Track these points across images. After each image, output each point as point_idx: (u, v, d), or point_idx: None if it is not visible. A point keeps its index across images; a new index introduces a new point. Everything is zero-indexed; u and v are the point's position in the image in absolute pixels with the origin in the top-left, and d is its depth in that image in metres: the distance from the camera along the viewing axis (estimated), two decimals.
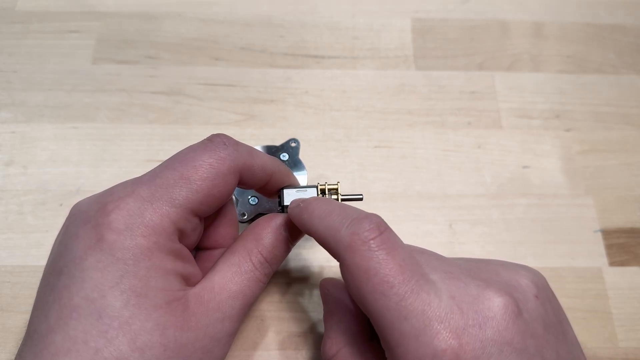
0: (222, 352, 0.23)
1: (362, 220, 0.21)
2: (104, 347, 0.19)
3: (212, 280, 0.23)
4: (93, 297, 0.19)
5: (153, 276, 0.20)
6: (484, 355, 0.19)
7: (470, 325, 0.19)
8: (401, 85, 0.39)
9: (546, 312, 0.21)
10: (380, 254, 0.20)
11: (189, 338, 0.21)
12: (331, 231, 0.21)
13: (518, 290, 0.21)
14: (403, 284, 0.20)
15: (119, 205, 0.20)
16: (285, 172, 0.26)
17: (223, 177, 0.22)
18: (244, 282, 0.23)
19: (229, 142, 0.23)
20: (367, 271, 0.20)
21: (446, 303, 0.20)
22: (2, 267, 0.31)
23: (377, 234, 0.20)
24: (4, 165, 0.34)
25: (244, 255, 0.24)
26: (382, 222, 0.21)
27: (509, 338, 0.19)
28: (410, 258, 0.21)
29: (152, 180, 0.21)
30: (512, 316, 0.20)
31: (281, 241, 0.25)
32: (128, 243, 0.20)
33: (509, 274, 0.22)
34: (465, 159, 0.36)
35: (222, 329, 0.22)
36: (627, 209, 0.35)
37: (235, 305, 0.23)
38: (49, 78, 0.37)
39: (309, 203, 0.24)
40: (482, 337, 0.19)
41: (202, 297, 0.22)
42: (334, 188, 0.26)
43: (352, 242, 0.20)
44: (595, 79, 0.39)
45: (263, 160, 0.24)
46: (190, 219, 0.22)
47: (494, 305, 0.20)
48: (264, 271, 0.24)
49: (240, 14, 0.41)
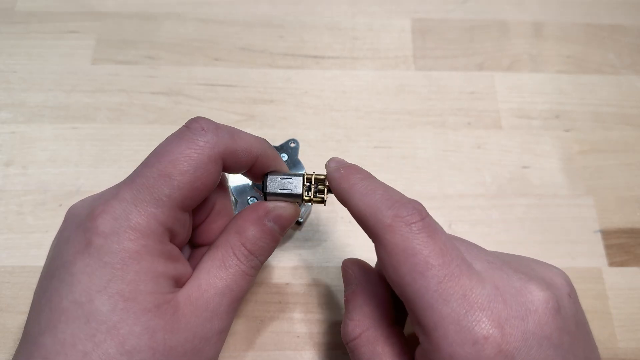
0: (213, 351, 0.23)
1: (405, 204, 0.21)
2: (92, 351, 0.19)
3: (198, 278, 0.22)
4: (81, 301, 0.19)
5: (142, 280, 0.20)
6: (524, 348, 0.19)
7: (513, 317, 0.19)
8: (401, 85, 0.39)
9: (577, 311, 0.21)
10: (421, 236, 0.20)
11: (179, 340, 0.21)
12: (372, 210, 0.21)
13: (555, 288, 0.21)
14: (443, 267, 0.19)
15: (105, 209, 0.20)
16: (272, 155, 0.25)
17: (204, 168, 0.21)
18: (229, 277, 0.22)
19: (208, 127, 0.22)
20: (406, 251, 0.20)
21: (489, 291, 0.19)
22: (2, 267, 0.31)
23: (420, 219, 0.20)
24: (4, 166, 0.34)
25: (227, 249, 0.23)
26: (424, 209, 0.21)
27: (549, 333, 0.19)
28: (451, 244, 0.21)
29: (133, 180, 0.21)
30: (552, 312, 0.20)
31: (266, 232, 0.24)
32: (115, 247, 0.20)
33: (542, 270, 0.22)
34: (465, 159, 0.36)
35: (212, 328, 0.22)
36: (627, 209, 0.35)
37: (223, 301, 0.22)
38: (49, 78, 0.37)
39: (351, 173, 0.23)
40: (524, 330, 0.19)
41: (190, 297, 0.21)
42: (322, 178, 0.25)
43: (393, 223, 0.20)
44: (595, 79, 0.39)
45: (247, 143, 0.23)
46: (178, 216, 0.21)
47: (536, 299, 0.20)
48: (249, 264, 0.23)
49: (240, 14, 0.41)
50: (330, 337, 0.30)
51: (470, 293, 0.19)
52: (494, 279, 0.20)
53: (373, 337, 0.23)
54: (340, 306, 0.31)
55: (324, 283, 0.31)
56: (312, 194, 0.24)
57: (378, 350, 0.22)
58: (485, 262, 0.21)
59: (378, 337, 0.23)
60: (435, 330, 0.19)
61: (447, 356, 0.19)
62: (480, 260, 0.21)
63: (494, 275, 0.20)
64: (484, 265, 0.21)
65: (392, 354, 0.22)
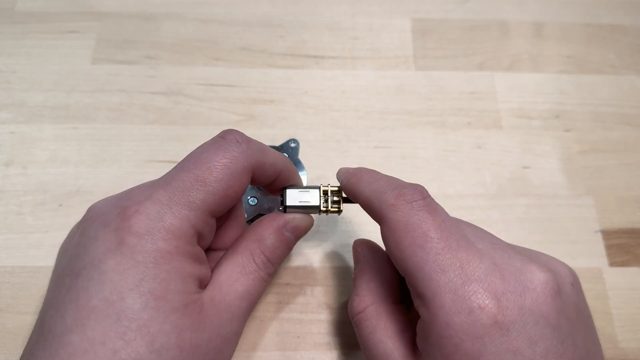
0: (231, 351, 0.24)
1: (407, 186, 0.22)
2: (121, 349, 0.19)
3: (219, 282, 0.23)
4: (112, 299, 0.19)
5: (172, 279, 0.20)
6: (520, 323, 0.19)
7: (510, 291, 0.20)
8: (401, 85, 0.39)
9: (579, 301, 0.22)
10: (421, 212, 0.21)
11: (203, 339, 0.21)
12: (377, 194, 0.23)
13: (557, 274, 0.21)
14: (442, 240, 0.20)
15: (139, 209, 0.21)
16: (293, 171, 0.26)
17: (238, 177, 0.22)
18: (249, 282, 0.24)
19: (242, 139, 0.23)
20: (407, 225, 0.21)
21: (487, 266, 0.20)
22: (2, 267, 0.31)
23: (421, 198, 0.22)
24: (4, 166, 0.34)
25: (247, 255, 0.24)
26: (425, 190, 0.22)
27: (546, 312, 0.20)
28: (450, 221, 0.22)
29: (168, 183, 0.22)
30: (551, 292, 0.20)
31: (283, 241, 0.25)
32: (149, 247, 0.20)
33: (548, 259, 0.23)
34: (465, 159, 0.36)
35: (231, 329, 0.23)
36: (627, 209, 0.35)
37: (242, 305, 0.23)
38: (49, 78, 0.37)
39: (359, 170, 0.25)
40: (521, 305, 0.19)
41: (213, 299, 0.22)
42: (337, 190, 0.26)
43: (396, 202, 0.22)
44: (595, 79, 0.39)
45: (274, 158, 0.24)
46: (207, 221, 0.22)
47: (536, 278, 0.20)
48: (267, 271, 0.25)
49: (240, 14, 0.41)
50: (330, 337, 0.30)
51: (467, 265, 0.20)
52: (494, 257, 0.21)
53: (376, 312, 0.24)
54: (340, 306, 0.31)
55: (324, 283, 0.31)
56: (328, 205, 0.26)
57: (380, 324, 0.23)
58: (488, 242, 0.22)
59: (381, 312, 0.24)
60: (433, 299, 0.20)
61: (443, 324, 0.19)
62: (483, 240, 0.22)
63: (495, 254, 0.21)
64: (487, 245, 0.22)
65: (394, 329, 0.23)
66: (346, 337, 0.30)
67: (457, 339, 0.19)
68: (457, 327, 0.19)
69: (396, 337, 0.23)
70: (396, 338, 0.23)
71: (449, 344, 0.19)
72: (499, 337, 0.19)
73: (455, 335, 0.19)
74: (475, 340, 0.19)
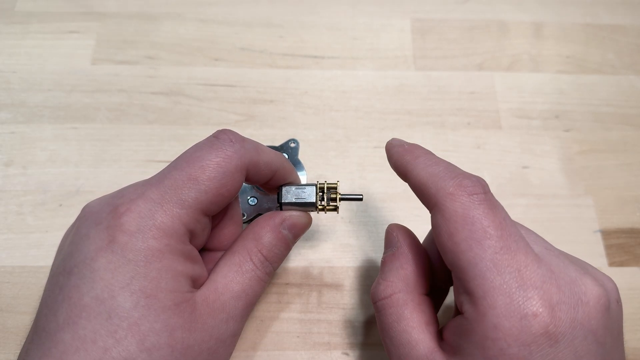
0: (226, 353, 0.23)
1: (469, 177, 0.21)
2: (112, 347, 0.19)
3: (215, 281, 0.23)
4: (103, 297, 0.19)
5: (163, 278, 0.20)
6: (570, 335, 0.19)
7: (564, 302, 0.19)
8: (401, 85, 0.39)
9: (619, 320, 0.22)
10: (482, 207, 0.20)
11: (196, 339, 0.21)
12: (434, 178, 0.22)
13: (608, 289, 0.21)
14: (501, 239, 0.20)
15: (130, 207, 0.21)
16: (289, 169, 0.26)
17: (231, 176, 0.22)
18: (245, 281, 0.23)
19: (235, 138, 0.23)
20: (465, 218, 0.20)
21: (544, 272, 0.20)
22: (2, 267, 0.31)
23: (482, 192, 0.21)
24: (4, 166, 0.34)
25: (244, 255, 0.24)
26: (487, 184, 0.22)
27: (595, 328, 0.19)
28: (511, 221, 0.21)
29: (160, 181, 0.22)
30: (602, 308, 0.20)
31: (281, 240, 0.25)
32: (140, 245, 0.20)
33: (595, 272, 0.22)
34: (465, 159, 0.36)
35: (227, 330, 0.23)
36: (626, 209, 0.35)
37: (239, 305, 0.23)
38: (49, 78, 0.37)
39: (415, 148, 0.24)
40: (573, 317, 0.19)
41: (207, 298, 0.22)
42: (334, 187, 0.26)
43: (455, 191, 0.21)
44: (594, 80, 0.39)
45: (269, 157, 0.24)
46: (200, 219, 0.22)
47: (590, 292, 0.20)
48: (264, 270, 0.24)
49: (240, 14, 0.41)
50: (330, 337, 0.30)
51: (525, 269, 0.19)
52: (550, 263, 0.20)
53: (403, 300, 0.23)
54: (341, 306, 0.31)
55: (325, 283, 0.31)
56: (325, 203, 0.26)
57: (406, 314, 0.23)
58: (543, 247, 0.22)
59: (408, 302, 0.23)
60: (483, 299, 0.19)
61: (491, 326, 0.19)
62: (538, 244, 0.22)
63: (551, 260, 0.21)
64: (542, 250, 0.21)
65: (419, 320, 0.22)
66: (346, 337, 0.30)
67: (503, 343, 0.19)
68: (506, 331, 0.19)
69: (421, 328, 0.22)
70: (421, 329, 0.22)
71: (493, 346, 0.19)
72: (546, 347, 0.18)
73: (503, 339, 0.19)
74: (522, 347, 0.18)
